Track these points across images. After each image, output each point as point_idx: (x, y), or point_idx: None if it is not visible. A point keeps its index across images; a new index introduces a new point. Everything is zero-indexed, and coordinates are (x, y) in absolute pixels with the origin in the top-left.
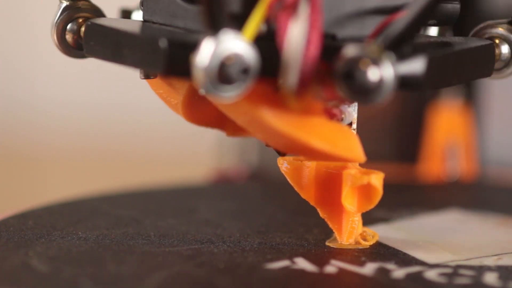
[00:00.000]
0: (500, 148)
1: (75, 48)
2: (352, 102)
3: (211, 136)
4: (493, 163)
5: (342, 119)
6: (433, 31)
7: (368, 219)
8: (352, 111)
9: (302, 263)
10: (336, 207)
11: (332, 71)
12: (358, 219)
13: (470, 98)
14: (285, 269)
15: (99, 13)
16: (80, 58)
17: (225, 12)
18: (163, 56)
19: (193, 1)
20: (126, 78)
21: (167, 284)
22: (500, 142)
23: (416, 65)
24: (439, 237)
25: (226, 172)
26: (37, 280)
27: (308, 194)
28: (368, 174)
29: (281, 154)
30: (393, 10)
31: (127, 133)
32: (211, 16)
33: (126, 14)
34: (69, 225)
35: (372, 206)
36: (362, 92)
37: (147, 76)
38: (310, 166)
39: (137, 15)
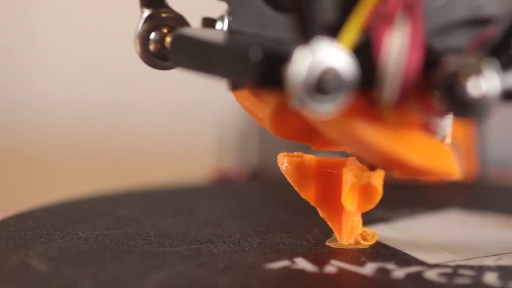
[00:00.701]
0: (500, 148)
1: (158, 58)
2: (447, 115)
3: (211, 136)
4: (493, 163)
5: (436, 133)
6: None
7: (368, 219)
8: (446, 125)
9: (302, 263)
10: (336, 207)
11: (431, 83)
12: (358, 219)
13: None
14: (285, 269)
15: (182, 21)
16: (163, 69)
17: (318, 21)
18: (255, 66)
19: (283, 10)
20: (126, 78)
21: (167, 284)
22: (500, 142)
23: None
24: (439, 237)
25: (226, 172)
26: (37, 280)
27: (308, 194)
28: (368, 171)
29: (373, 168)
30: (484, 21)
31: (127, 133)
32: (304, 24)
33: (208, 22)
34: (69, 225)
35: (372, 206)
36: (465, 106)
37: (234, 88)
38: (310, 166)
39: (221, 25)
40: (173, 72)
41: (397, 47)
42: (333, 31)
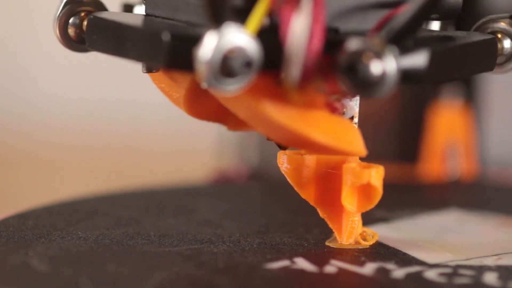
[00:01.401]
0: (500, 148)
1: (77, 42)
2: (353, 96)
3: (211, 135)
4: (493, 163)
5: (343, 113)
6: (435, 25)
7: (368, 219)
8: (353, 105)
9: (302, 263)
10: (336, 207)
11: (334, 64)
12: (358, 219)
13: (470, 98)
14: (285, 269)
15: (101, 6)
16: (82, 52)
17: (228, 6)
18: (165, 49)
19: None
20: (126, 77)
21: (167, 284)
22: (500, 142)
23: (418, 59)
24: (439, 237)
25: (226, 172)
26: (37, 280)
27: (308, 194)
28: (368, 168)
29: (283, 148)
30: (395, 4)
31: (127, 133)
32: (214, 9)
33: (127, 8)
34: (69, 225)
35: (372, 206)
36: (364, 85)
37: (149, 70)
38: (310, 166)
39: (139, 10)
40: None
41: (300, 29)
42: (243, 15)
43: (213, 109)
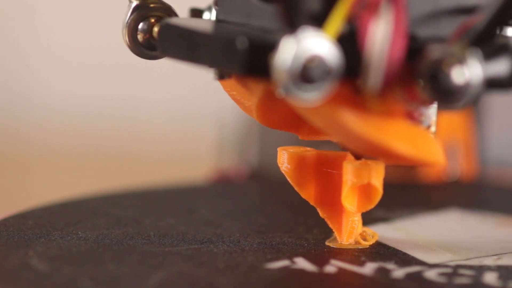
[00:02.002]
0: (500, 148)
1: (146, 48)
2: (431, 103)
3: (211, 136)
4: (493, 163)
5: (421, 122)
6: (510, 31)
7: (368, 219)
8: (431, 114)
9: (302, 263)
10: (336, 207)
11: (415, 72)
12: (358, 219)
13: None
14: (285, 269)
15: (170, 11)
16: (151, 59)
17: (304, 10)
18: (242, 55)
19: (269, 0)
20: (126, 78)
21: (167, 284)
22: (500, 142)
23: (501, 65)
24: (439, 237)
25: (226, 172)
26: (37, 279)
27: (308, 194)
28: (368, 165)
29: (358, 157)
30: (470, 10)
31: (127, 133)
32: (289, 14)
33: (196, 13)
34: (69, 225)
35: (372, 206)
36: (448, 94)
37: (221, 77)
38: (310, 166)
39: (208, 15)
40: (173, 72)
41: (381, 36)
42: (319, 20)
43: (286, 117)
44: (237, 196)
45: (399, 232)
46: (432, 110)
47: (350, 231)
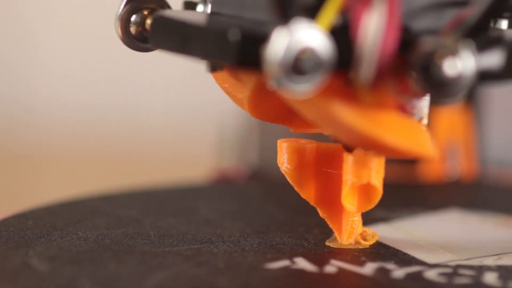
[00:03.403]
0: (500, 148)
1: (139, 40)
2: (423, 96)
3: (211, 136)
4: (493, 163)
5: (413, 114)
6: (504, 24)
7: (368, 219)
8: (423, 106)
9: (302, 263)
10: (336, 207)
11: (407, 64)
12: (358, 219)
13: (470, 98)
14: (285, 269)
15: (163, 3)
16: (144, 51)
17: (297, 2)
18: (234, 47)
19: None
20: (126, 79)
21: (167, 284)
22: (500, 142)
23: (494, 57)
24: (439, 237)
25: (226, 172)
26: (37, 279)
27: (308, 194)
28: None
29: (350, 149)
30: (463, 3)
31: (127, 133)
32: (282, 5)
33: (190, 5)
34: (69, 225)
35: (372, 206)
36: (441, 86)
37: (213, 69)
38: (310, 166)
39: (202, 7)
40: (173, 73)
41: (374, 28)
42: (311, 12)
43: (278, 110)
44: (237, 196)
45: (399, 232)
46: (424, 103)
47: (350, 231)
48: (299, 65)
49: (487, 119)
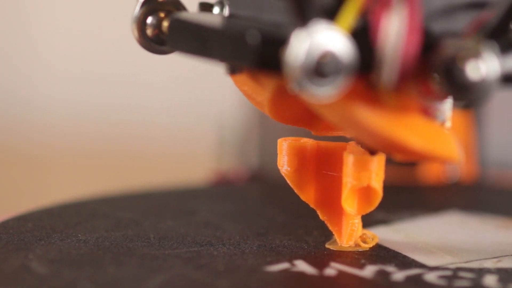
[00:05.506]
0: (500, 150)
1: (155, 42)
2: (446, 99)
3: (211, 137)
4: (493, 165)
5: (436, 117)
6: None
7: (368, 221)
8: (446, 109)
9: (302, 266)
10: (336, 209)
11: (429, 66)
12: (358, 221)
13: None
14: (284, 271)
15: (178, 5)
16: (160, 54)
17: (316, 4)
18: (254, 49)
19: None
20: (126, 79)
21: (167, 287)
22: (500, 144)
23: None
24: (439, 239)
25: (226, 174)
26: (36, 282)
27: (308, 196)
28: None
29: (373, 152)
30: (484, 4)
31: (127, 134)
32: (301, 7)
33: (205, 7)
34: (69, 227)
35: (372, 208)
36: (464, 89)
37: (232, 72)
38: (310, 168)
39: (218, 9)
40: (173, 74)
41: (395, 30)
42: (331, 14)
43: (299, 112)
44: (237, 198)
45: (399, 234)
46: (447, 105)
47: (350, 233)
48: (320, 68)
49: (487, 121)
